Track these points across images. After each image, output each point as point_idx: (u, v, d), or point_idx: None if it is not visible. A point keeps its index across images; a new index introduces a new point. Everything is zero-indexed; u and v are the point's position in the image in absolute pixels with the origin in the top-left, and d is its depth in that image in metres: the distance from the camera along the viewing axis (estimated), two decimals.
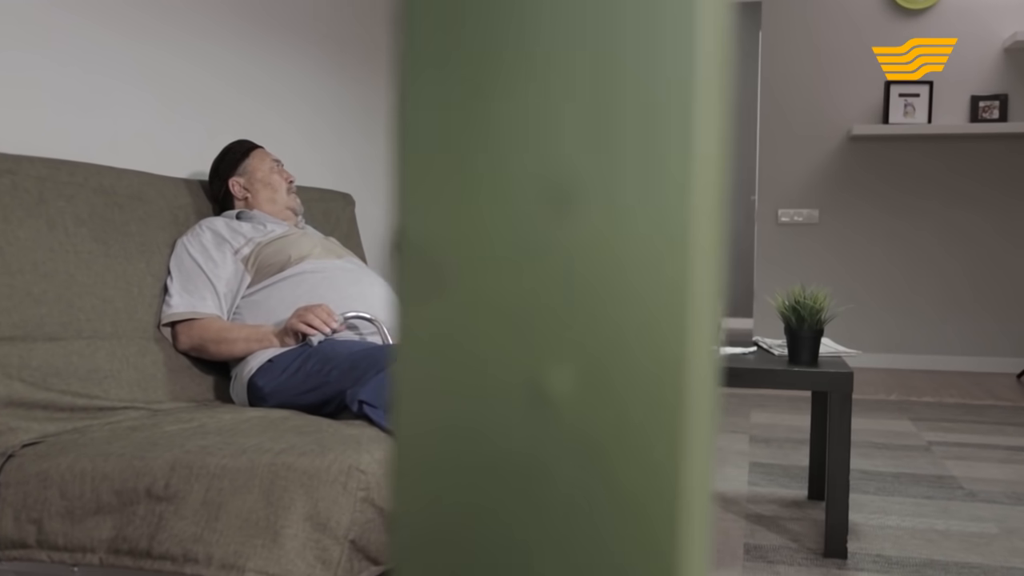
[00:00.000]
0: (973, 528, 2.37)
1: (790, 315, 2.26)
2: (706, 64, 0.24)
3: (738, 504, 2.57)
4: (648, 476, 0.24)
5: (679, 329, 0.24)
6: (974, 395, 4.42)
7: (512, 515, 0.26)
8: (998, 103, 5.02)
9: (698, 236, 0.24)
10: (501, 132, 0.25)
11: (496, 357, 0.26)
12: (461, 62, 0.26)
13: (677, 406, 0.24)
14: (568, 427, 0.25)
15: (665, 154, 0.24)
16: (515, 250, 0.25)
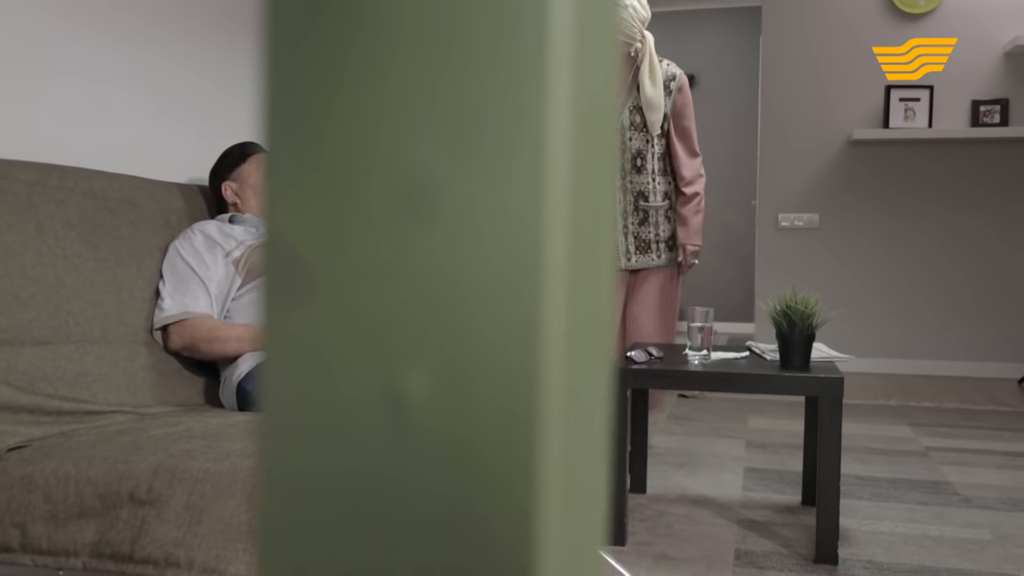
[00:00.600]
0: (966, 534, 2.36)
1: (781, 320, 2.25)
2: (561, 65, 0.24)
3: (731, 510, 2.56)
4: (502, 482, 0.24)
5: (531, 335, 0.24)
6: (974, 400, 4.40)
7: (372, 519, 0.26)
8: (999, 107, 5.00)
9: (552, 240, 0.24)
10: (360, 134, 0.25)
11: (355, 363, 0.26)
12: (320, 63, 0.25)
13: (530, 413, 0.24)
14: (425, 433, 0.25)
15: (519, 158, 0.24)
16: (374, 254, 0.25)
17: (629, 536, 2.32)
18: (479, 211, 0.24)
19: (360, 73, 0.25)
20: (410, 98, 0.24)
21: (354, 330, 0.25)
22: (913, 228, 5.22)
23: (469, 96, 0.24)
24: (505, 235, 0.24)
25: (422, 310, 0.25)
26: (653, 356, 2.41)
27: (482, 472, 0.24)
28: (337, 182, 0.25)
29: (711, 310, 2.36)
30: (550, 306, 0.24)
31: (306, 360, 0.26)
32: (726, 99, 7.62)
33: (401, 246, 0.25)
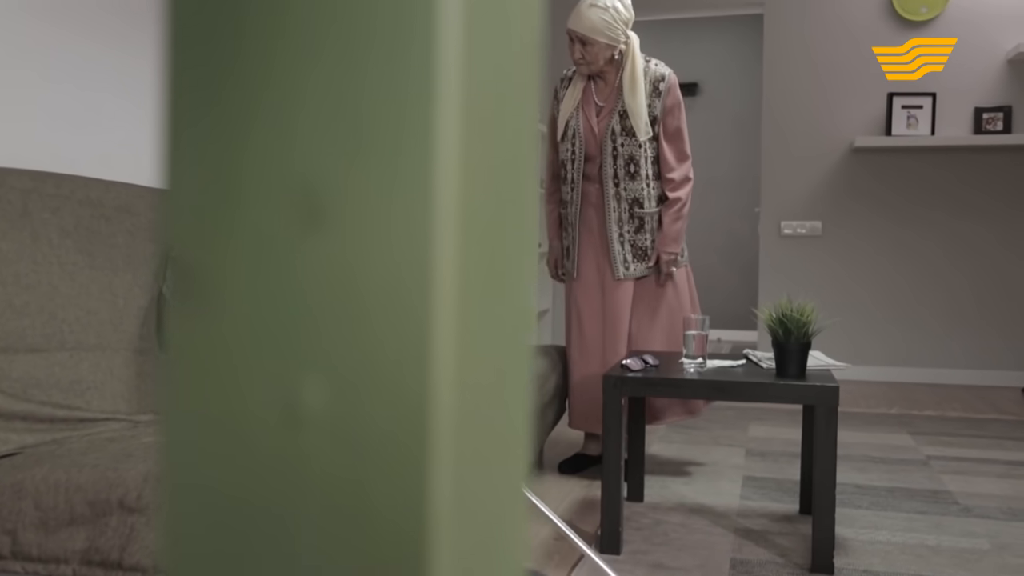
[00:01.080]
0: (965, 544, 2.34)
1: (777, 328, 2.25)
2: (449, 72, 0.24)
3: (728, 518, 2.55)
4: (396, 488, 0.24)
5: (421, 342, 0.24)
6: (977, 409, 4.38)
7: (271, 524, 0.25)
8: (1002, 115, 4.99)
9: (442, 246, 0.24)
10: (254, 144, 0.25)
11: (253, 371, 0.26)
12: (215, 76, 0.25)
13: (421, 419, 0.24)
14: (321, 440, 0.25)
15: (407, 166, 0.24)
16: (269, 263, 0.25)
17: (625, 544, 2.31)
18: (369, 219, 0.24)
19: (253, 84, 0.25)
20: (301, 108, 0.25)
21: (251, 338, 0.25)
22: (916, 236, 5.20)
23: (358, 105, 0.24)
24: (394, 242, 0.24)
25: (317, 319, 0.25)
26: (648, 364, 2.40)
27: (377, 478, 0.24)
28: (233, 192, 0.25)
29: (707, 318, 2.35)
30: (440, 313, 0.24)
31: (205, 367, 0.26)
32: (729, 106, 7.62)
33: (295, 255, 0.25)
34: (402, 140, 0.24)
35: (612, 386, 2.26)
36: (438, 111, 0.24)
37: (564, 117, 2.92)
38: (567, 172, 2.94)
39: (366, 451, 0.25)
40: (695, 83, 7.68)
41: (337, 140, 0.25)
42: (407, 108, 0.24)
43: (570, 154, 2.92)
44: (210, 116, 0.26)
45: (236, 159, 0.26)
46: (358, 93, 0.24)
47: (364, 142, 0.25)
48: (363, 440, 0.25)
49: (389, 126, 0.24)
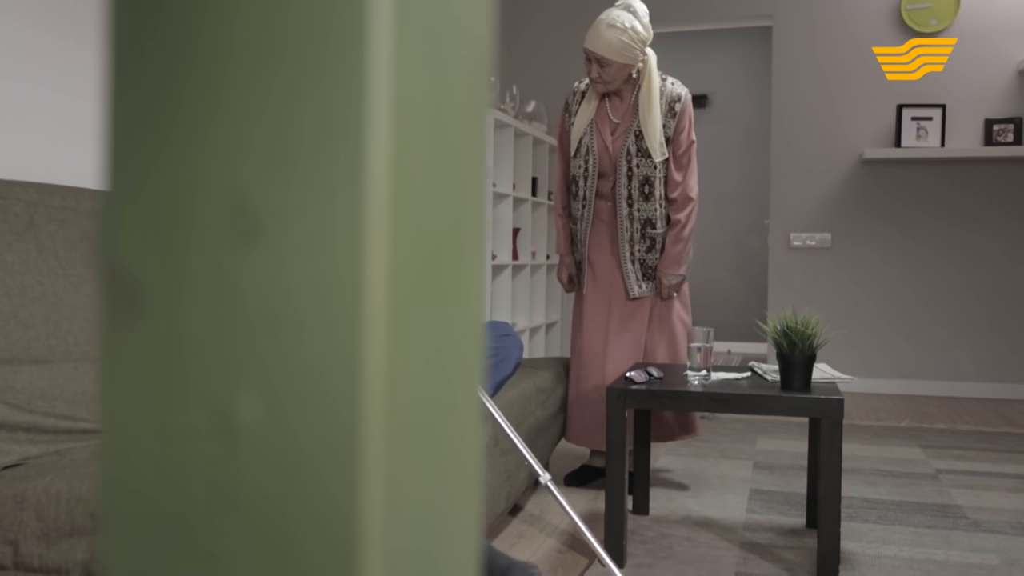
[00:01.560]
0: (973, 559, 2.32)
1: (781, 340, 2.24)
2: (380, 90, 0.24)
3: (734, 532, 2.53)
4: (327, 501, 0.24)
5: (351, 358, 0.24)
6: (989, 422, 4.34)
7: (205, 536, 0.25)
8: (1012, 126, 4.97)
9: (373, 262, 0.24)
10: (191, 161, 0.25)
11: (188, 385, 0.26)
12: (154, 93, 0.26)
13: (352, 434, 0.24)
14: (253, 455, 0.25)
15: (338, 183, 0.24)
16: (204, 279, 0.25)
17: (629, 558, 2.30)
18: (302, 236, 0.24)
19: (191, 104, 0.25)
20: (238, 127, 0.25)
21: (187, 353, 0.25)
22: (926, 247, 5.18)
23: (293, 125, 0.24)
24: (327, 259, 0.24)
25: (252, 333, 0.25)
26: (653, 376, 2.39)
27: (308, 493, 0.24)
28: (170, 208, 0.25)
29: (711, 330, 2.34)
30: (371, 328, 0.24)
31: (141, 381, 0.26)
32: (740, 118, 7.61)
33: (230, 271, 0.25)
34: (334, 159, 0.24)
35: (616, 398, 2.25)
36: (369, 132, 0.24)
37: (578, 133, 2.87)
38: (579, 189, 2.90)
39: (298, 466, 0.25)
40: (705, 95, 7.68)
41: (272, 159, 0.25)
42: (339, 128, 0.24)
43: (583, 171, 2.88)
44: (149, 134, 0.26)
45: (174, 176, 0.26)
46: (293, 113, 0.25)
47: (297, 161, 0.25)
48: (295, 455, 0.25)
49: (322, 145, 0.24)
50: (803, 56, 5.32)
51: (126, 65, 0.26)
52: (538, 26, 5.74)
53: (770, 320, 2.30)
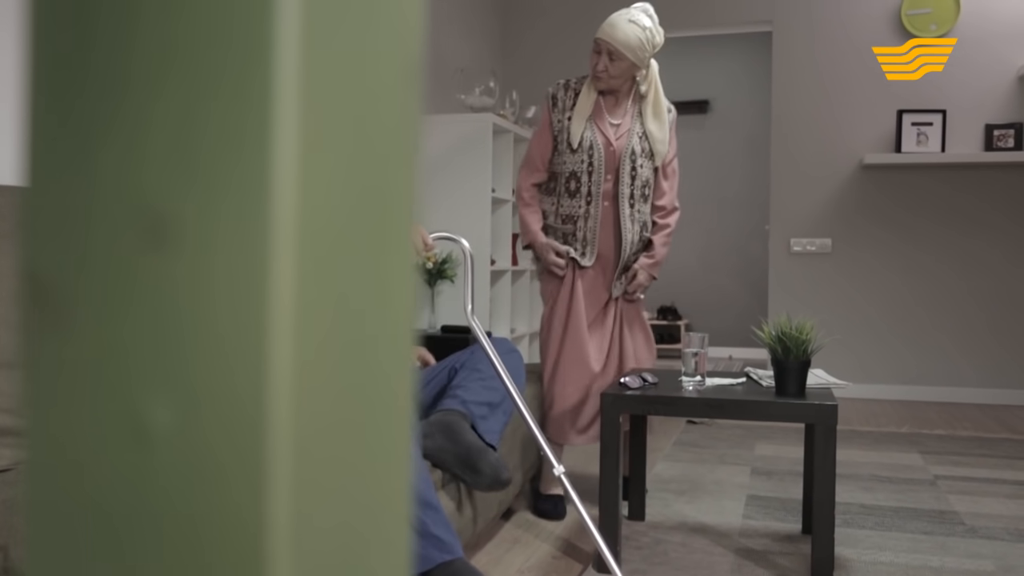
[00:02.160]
0: (969, 565, 2.31)
1: (776, 346, 2.23)
2: (288, 96, 0.24)
3: (729, 538, 2.52)
4: (234, 505, 0.24)
5: (258, 367, 0.24)
6: (988, 428, 4.33)
7: (119, 539, 0.25)
8: (1013, 132, 4.96)
9: (279, 269, 0.24)
10: (108, 169, 0.25)
11: (103, 392, 0.26)
12: (71, 102, 0.26)
13: (259, 441, 0.24)
14: (166, 460, 0.25)
15: (245, 190, 0.24)
16: (119, 287, 0.25)
17: (623, 564, 2.30)
18: (208, 241, 0.24)
19: (106, 114, 0.25)
20: (150, 136, 0.25)
21: (103, 358, 0.25)
22: (926, 253, 5.17)
23: (202, 133, 0.24)
24: (232, 264, 0.24)
25: (163, 339, 0.25)
26: (647, 382, 2.39)
27: (217, 496, 0.24)
28: (83, 214, 0.25)
29: (706, 335, 2.34)
30: (277, 333, 0.24)
31: (60, 386, 0.26)
32: (741, 124, 7.61)
33: (141, 276, 0.25)
34: (240, 164, 0.24)
35: (610, 404, 2.25)
36: (274, 135, 0.24)
37: (579, 128, 2.76)
38: (580, 185, 2.78)
39: (207, 471, 0.25)
40: (706, 100, 7.68)
41: (183, 167, 0.25)
42: (245, 133, 0.24)
43: (586, 166, 2.76)
44: (65, 142, 0.26)
45: (86, 182, 0.26)
46: (200, 119, 0.25)
47: (205, 166, 0.25)
48: (205, 459, 0.25)
49: (228, 150, 0.24)
50: (803, 62, 5.32)
51: (41, 70, 0.26)
52: (540, 31, 5.75)
53: (765, 326, 2.29)
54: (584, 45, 5.61)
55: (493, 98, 4.45)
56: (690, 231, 7.78)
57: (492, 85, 4.44)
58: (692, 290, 7.79)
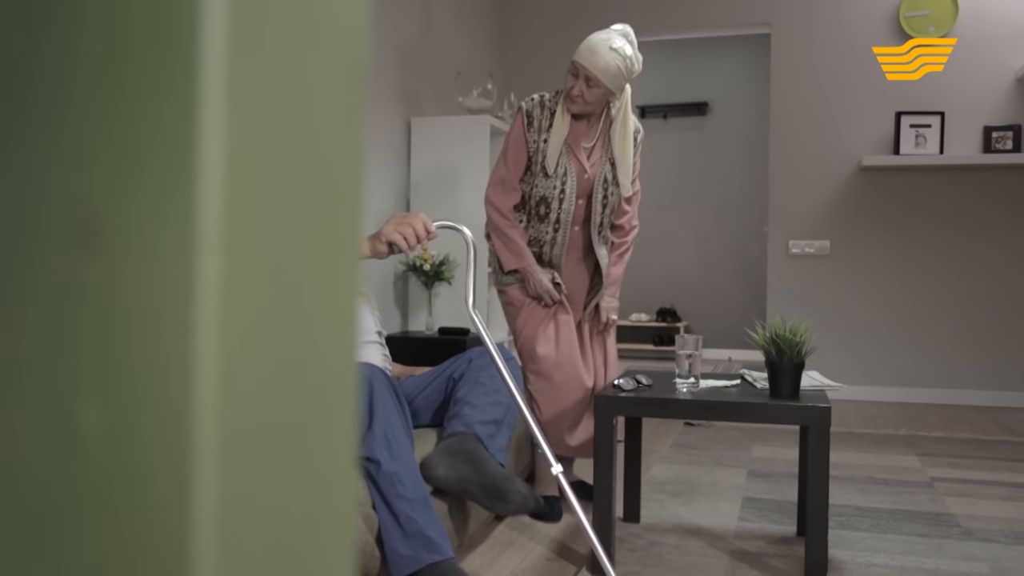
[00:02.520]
0: (963, 568, 2.31)
1: (770, 348, 2.23)
2: (215, 99, 0.24)
3: (724, 540, 2.52)
4: (160, 509, 0.24)
5: (183, 370, 0.24)
6: (987, 430, 4.32)
7: (46, 543, 0.26)
8: (1011, 134, 4.96)
9: (205, 273, 0.24)
10: (36, 170, 0.25)
11: (34, 391, 0.26)
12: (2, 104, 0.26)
13: (183, 445, 0.24)
14: (93, 461, 0.25)
15: (175, 197, 0.24)
16: (47, 288, 0.25)
17: (617, 566, 2.29)
18: (139, 244, 0.24)
19: (35, 115, 0.25)
20: (79, 137, 0.25)
21: (33, 359, 0.26)
22: (925, 255, 5.17)
23: (131, 136, 0.24)
24: (161, 268, 0.24)
25: (92, 341, 0.25)
26: (641, 384, 2.39)
27: (143, 497, 0.24)
28: (13, 214, 0.25)
29: (700, 337, 2.34)
30: (203, 336, 0.24)
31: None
32: (740, 126, 7.61)
33: (72, 278, 0.25)
34: (169, 168, 0.24)
35: (604, 406, 2.25)
36: (201, 141, 0.24)
37: (555, 153, 2.70)
38: (550, 211, 2.72)
39: (137, 470, 0.25)
40: (705, 103, 7.69)
41: (112, 169, 0.25)
42: (174, 137, 0.24)
43: (558, 192, 2.72)
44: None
45: (16, 183, 0.26)
46: (132, 125, 0.25)
47: (136, 171, 0.25)
48: (132, 460, 0.25)
49: (158, 153, 0.24)
50: (801, 64, 5.32)
51: None
52: (538, 31, 5.74)
53: (759, 328, 2.29)
54: (583, 41, 5.62)
55: (491, 100, 4.45)
56: (689, 233, 7.78)
57: (490, 87, 4.44)
58: (691, 292, 7.79)
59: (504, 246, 2.75)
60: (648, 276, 7.90)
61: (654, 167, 7.84)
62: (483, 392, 2.20)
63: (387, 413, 1.85)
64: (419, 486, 1.85)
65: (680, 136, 7.79)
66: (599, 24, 2.83)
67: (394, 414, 1.88)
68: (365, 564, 1.64)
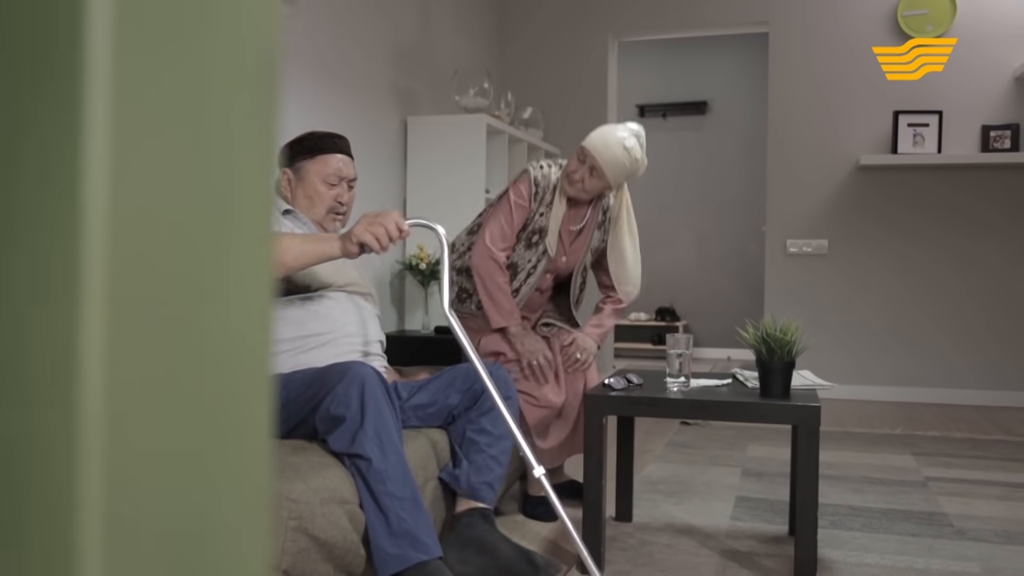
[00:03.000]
0: (954, 567, 2.31)
1: (760, 347, 2.23)
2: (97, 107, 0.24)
3: (716, 539, 2.52)
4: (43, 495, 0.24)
5: (67, 355, 0.24)
6: (984, 430, 4.32)
7: None
8: (1009, 133, 4.95)
9: (90, 272, 0.24)
10: None
11: None
12: None
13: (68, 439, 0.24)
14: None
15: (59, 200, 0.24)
16: None
17: (608, 565, 2.29)
18: (24, 242, 0.24)
19: None
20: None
21: None
22: (923, 254, 5.16)
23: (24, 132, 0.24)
24: (45, 271, 0.24)
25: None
26: (632, 383, 2.39)
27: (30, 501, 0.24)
28: None
29: (691, 337, 2.34)
30: (89, 332, 0.24)
31: None
32: (740, 125, 7.61)
33: None
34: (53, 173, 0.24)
35: (594, 405, 2.25)
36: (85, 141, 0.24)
37: (554, 231, 2.72)
38: (515, 279, 2.76)
39: (19, 471, 0.25)
40: (704, 101, 7.68)
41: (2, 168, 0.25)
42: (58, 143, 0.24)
43: (531, 265, 2.75)
44: None
45: None
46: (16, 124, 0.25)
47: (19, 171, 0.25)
48: (14, 461, 0.25)
49: (41, 155, 0.24)
50: (799, 63, 5.31)
51: None
52: (536, 26, 5.72)
53: (749, 327, 2.29)
54: (581, 40, 5.61)
55: (487, 99, 4.45)
56: (689, 233, 7.77)
57: (486, 86, 4.44)
58: (690, 292, 7.78)
59: (496, 297, 2.69)
60: (647, 275, 7.86)
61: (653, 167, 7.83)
62: (487, 444, 2.16)
63: (379, 411, 1.85)
64: (409, 484, 1.84)
65: (679, 135, 7.78)
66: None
67: (386, 412, 1.88)
68: (349, 563, 1.64)
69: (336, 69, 3.72)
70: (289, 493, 1.53)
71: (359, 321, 2.27)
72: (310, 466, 1.65)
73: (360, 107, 3.93)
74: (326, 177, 2.28)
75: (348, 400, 1.83)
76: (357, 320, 2.26)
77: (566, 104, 5.57)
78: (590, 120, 5.49)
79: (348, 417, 1.81)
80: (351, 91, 3.85)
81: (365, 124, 3.98)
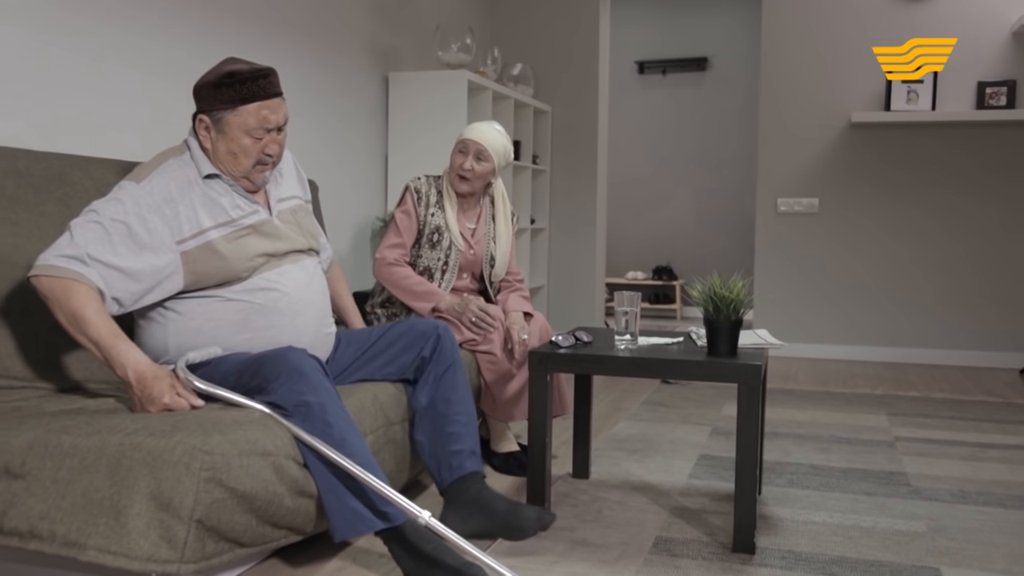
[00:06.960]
0: (900, 526, 2.30)
1: (707, 306, 2.21)
2: None
3: (668, 497, 2.53)
4: None
5: None
6: (965, 390, 4.29)
7: None
8: (1005, 89, 4.85)
9: None
10: None
11: None
12: None
13: None
14: None
15: None
16: None
17: (555, 521, 2.31)
18: None
19: None
20: None
21: None
22: (915, 213, 5.10)
23: None
24: None
25: None
26: (580, 341, 2.38)
27: None
28: None
29: (638, 295, 2.32)
30: None
31: None
32: (740, 81, 7.50)
33: None
34: None
35: (538, 362, 2.25)
36: None
37: (454, 226, 2.87)
38: (432, 278, 2.86)
39: None
40: (705, 58, 7.57)
41: None
42: None
43: (441, 263, 2.87)
44: None
45: None
46: None
47: None
48: None
49: None
50: (793, 19, 5.21)
51: None
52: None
53: (697, 285, 2.27)
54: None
55: (470, 55, 4.40)
56: (687, 191, 7.70)
57: (469, 42, 4.39)
58: (688, 251, 7.74)
59: (412, 285, 2.80)
60: (645, 234, 7.85)
61: (652, 123, 7.75)
62: (456, 413, 2.20)
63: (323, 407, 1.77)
64: (363, 448, 1.77)
65: (679, 92, 7.68)
66: None
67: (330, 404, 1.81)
68: (273, 514, 1.66)
69: (315, 24, 3.67)
70: (203, 445, 1.54)
71: (302, 301, 2.13)
72: (233, 420, 1.66)
73: (340, 64, 3.90)
74: (250, 131, 2.01)
75: (289, 397, 1.77)
76: (299, 301, 2.12)
77: (558, 60, 5.50)
78: (583, 77, 5.42)
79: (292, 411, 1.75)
80: (331, 48, 3.81)
81: (346, 80, 3.94)
